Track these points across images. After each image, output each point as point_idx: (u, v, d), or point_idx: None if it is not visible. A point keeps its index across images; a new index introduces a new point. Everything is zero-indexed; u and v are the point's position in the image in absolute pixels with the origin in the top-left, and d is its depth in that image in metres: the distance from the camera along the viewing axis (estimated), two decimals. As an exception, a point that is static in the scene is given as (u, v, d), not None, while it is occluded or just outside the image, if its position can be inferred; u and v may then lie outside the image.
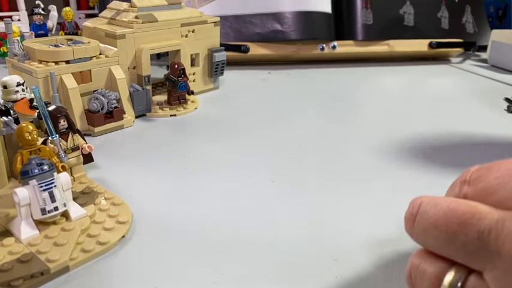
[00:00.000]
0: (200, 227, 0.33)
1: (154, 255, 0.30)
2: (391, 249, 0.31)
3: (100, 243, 0.30)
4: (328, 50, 0.77)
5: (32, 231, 0.30)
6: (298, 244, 0.32)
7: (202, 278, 0.28)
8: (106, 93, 0.50)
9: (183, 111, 0.56)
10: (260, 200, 0.37)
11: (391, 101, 0.63)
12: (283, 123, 0.54)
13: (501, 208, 0.18)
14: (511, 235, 0.17)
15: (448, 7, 0.83)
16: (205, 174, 0.41)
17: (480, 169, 0.20)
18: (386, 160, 0.44)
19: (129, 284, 0.28)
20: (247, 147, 0.47)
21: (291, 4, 0.76)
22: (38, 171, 0.30)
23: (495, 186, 0.19)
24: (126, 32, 0.53)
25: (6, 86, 0.41)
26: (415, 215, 0.21)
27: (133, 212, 0.34)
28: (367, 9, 0.79)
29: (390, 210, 0.35)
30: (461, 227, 0.18)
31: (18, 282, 0.27)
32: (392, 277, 0.28)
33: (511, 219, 0.17)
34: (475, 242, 0.18)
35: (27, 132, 0.32)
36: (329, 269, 0.29)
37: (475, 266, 0.18)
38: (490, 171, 0.20)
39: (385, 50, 0.79)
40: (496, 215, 0.18)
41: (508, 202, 0.18)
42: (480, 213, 0.18)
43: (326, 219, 0.34)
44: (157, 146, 0.47)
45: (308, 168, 0.43)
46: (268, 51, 0.76)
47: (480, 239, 0.18)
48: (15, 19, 0.82)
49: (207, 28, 0.62)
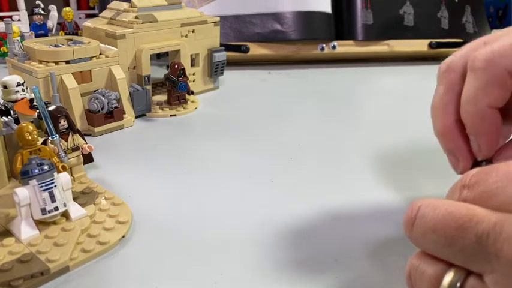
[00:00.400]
0: (200, 227, 0.33)
1: (154, 255, 0.30)
2: (391, 249, 0.31)
3: (100, 243, 0.30)
4: (328, 50, 0.77)
5: (32, 231, 0.30)
6: (298, 244, 0.32)
7: (202, 278, 0.28)
8: (106, 93, 0.50)
9: (183, 111, 0.56)
10: (260, 200, 0.37)
11: (391, 101, 0.63)
12: (283, 123, 0.54)
13: (500, 212, 0.18)
14: (509, 238, 0.17)
15: (448, 7, 0.83)
16: (205, 174, 0.41)
17: (479, 173, 0.20)
18: (387, 160, 0.44)
19: (129, 283, 0.28)
20: (247, 147, 0.47)
21: (291, 4, 0.76)
22: (38, 171, 0.30)
23: (495, 189, 0.19)
24: (126, 32, 0.53)
25: (7, 86, 0.41)
26: (414, 219, 0.20)
27: (133, 212, 0.34)
28: (367, 9, 0.79)
29: (390, 210, 0.35)
30: (459, 230, 0.18)
31: (18, 282, 0.27)
32: (392, 277, 0.28)
33: (509, 222, 0.17)
34: (474, 245, 0.18)
35: (28, 132, 0.33)
36: (329, 269, 0.29)
37: (474, 269, 0.18)
38: (488, 174, 0.19)
39: (385, 50, 0.79)
40: (494, 218, 0.18)
41: (507, 206, 0.18)
42: (478, 216, 0.18)
43: (326, 219, 0.34)
44: (158, 146, 0.47)
45: (308, 168, 0.43)
46: (268, 51, 0.76)
47: (478, 243, 0.18)
48: (15, 19, 0.82)
49: (207, 28, 0.62)
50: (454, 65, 0.27)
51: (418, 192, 0.38)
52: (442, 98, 0.27)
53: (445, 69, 0.27)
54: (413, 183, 0.40)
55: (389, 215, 0.35)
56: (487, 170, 0.20)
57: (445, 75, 0.27)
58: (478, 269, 0.18)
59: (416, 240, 0.20)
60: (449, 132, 0.27)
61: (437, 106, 0.28)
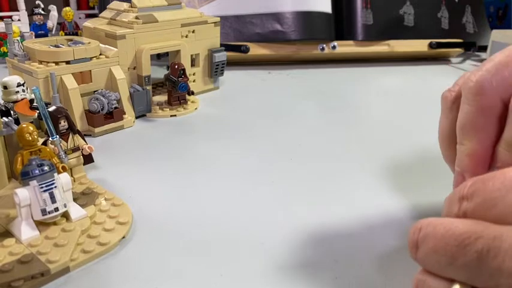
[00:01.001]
0: (200, 228, 0.33)
1: (155, 256, 0.30)
2: (392, 250, 0.31)
3: (100, 244, 0.30)
4: (328, 50, 0.77)
5: (32, 232, 0.30)
6: (298, 244, 0.32)
7: (202, 278, 0.28)
8: (106, 94, 0.50)
9: (183, 112, 0.56)
10: (260, 201, 0.37)
11: (391, 101, 0.63)
12: (283, 123, 0.54)
13: (500, 223, 0.18)
14: (509, 251, 0.17)
15: (448, 7, 0.83)
16: (206, 175, 0.41)
17: (475, 182, 0.20)
18: (387, 160, 0.44)
19: (130, 284, 0.28)
20: (247, 148, 0.47)
21: (291, 4, 0.76)
22: (39, 172, 0.30)
23: (493, 200, 0.19)
24: (127, 33, 0.53)
25: (7, 87, 0.41)
26: (417, 241, 0.20)
27: (134, 213, 0.34)
28: (367, 9, 0.79)
29: (391, 211, 0.35)
30: (459, 248, 0.18)
31: (18, 283, 0.27)
32: (392, 278, 0.28)
33: (508, 234, 0.17)
34: (475, 262, 0.18)
35: (28, 133, 0.32)
36: (329, 270, 0.29)
37: (478, 285, 0.18)
38: (485, 184, 0.19)
39: (385, 50, 0.79)
40: (492, 233, 0.18)
41: (506, 217, 0.18)
42: (476, 232, 0.18)
43: (326, 219, 0.34)
44: (158, 147, 0.47)
45: (308, 169, 0.43)
46: (268, 51, 0.76)
47: (479, 259, 0.18)
48: (15, 19, 0.82)
49: (207, 28, 0.62)
50: (489, 89, 0.25)
51: (418, 194, 0.38)
52: (473, 121, 0.25)
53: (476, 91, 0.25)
54: (413, 183, 0.40)
55: (389, 216, 0.35)
56: (483, 178, 0.20)
57: (477, 98, 0.25)
58: (482, 284, 0.18)
59: (422, 263, 0.20)
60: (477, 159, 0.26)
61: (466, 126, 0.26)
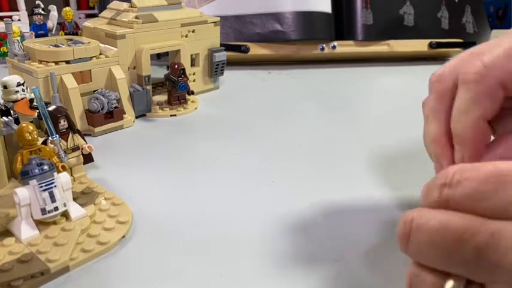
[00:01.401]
0: (200, 227, 0.33)
1: (154, 255, 0.30)
2: (392, 249, 0.31)
3: (100, 243, 0.30)
4: (328, 50, 0.77)
5: (32, 231, 0.30)
6: (299, 244, 0.32)
7: (202, 278, 0.28)
8: (106, 93, 0.50)
9: (183, 111, 0.56)
10: (260, 200, 0.37)
11: (391, 101, 0.63)
12: (283, 123, 0.54)
13: (494, 217, 0.18)
14: (508, 247, 0.17)
15: (448, 7, 0.83)
16: (206, 175, 0.41)
17: (462, 171, 0.19)
18: (387, 160, 0.44)
19: (129, 283, 0.28)
20: (247, 148, 0.47)
21: (291, 4, 0.76)
22: (38, 171, 0.30)
23: (485, 193, 0.18)
24: (126, 32, 0.53)
25: (7, 86, 0.41)
26: (408, 234, 0.20)
27: (134, 212, 0.34)
28: (367, 9, 0.79)
29: (391, 211, 0.35)
30: (457, 244, 0.18)
31: (18, 282, 0.27)
32: (392, 278, 0.28)
33: (506, 230, 0.17)
34: (474, 258, 0.18)
35: (28, 133, 0.33)
36: (329, 270, 0.29)
37: (476, 279, 0.18)
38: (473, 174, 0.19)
39: (385, 50, 0.79)
40: (490, 228, 0.17)
41: (502, 212, 0.18)
42: (473, 227, 0.18)
43: (326, 219, 0.34)
44: (158, 146, 0.47)
45: (308, 168, 0.43)
46: (268, 51, 0.76)
47: (478, 255, 0.17)
48: (15, 19, 0.82)
49: (207, 28, 0.62)
50: (445, 77, 0.26)
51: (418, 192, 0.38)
52: (433, 107, 0.27)
53: (435, 79, 0.27)
54: (413, 183, 0.40)
55: (389, 215, 0.35)
56: (470, 168, 0.19)
57: (435, 85, 0.27)
58: (480, 279, 0.18)
59: (414, 255, 0.20)
60: (440, 140, 0.27)
61: (428, 114, 0.28)
